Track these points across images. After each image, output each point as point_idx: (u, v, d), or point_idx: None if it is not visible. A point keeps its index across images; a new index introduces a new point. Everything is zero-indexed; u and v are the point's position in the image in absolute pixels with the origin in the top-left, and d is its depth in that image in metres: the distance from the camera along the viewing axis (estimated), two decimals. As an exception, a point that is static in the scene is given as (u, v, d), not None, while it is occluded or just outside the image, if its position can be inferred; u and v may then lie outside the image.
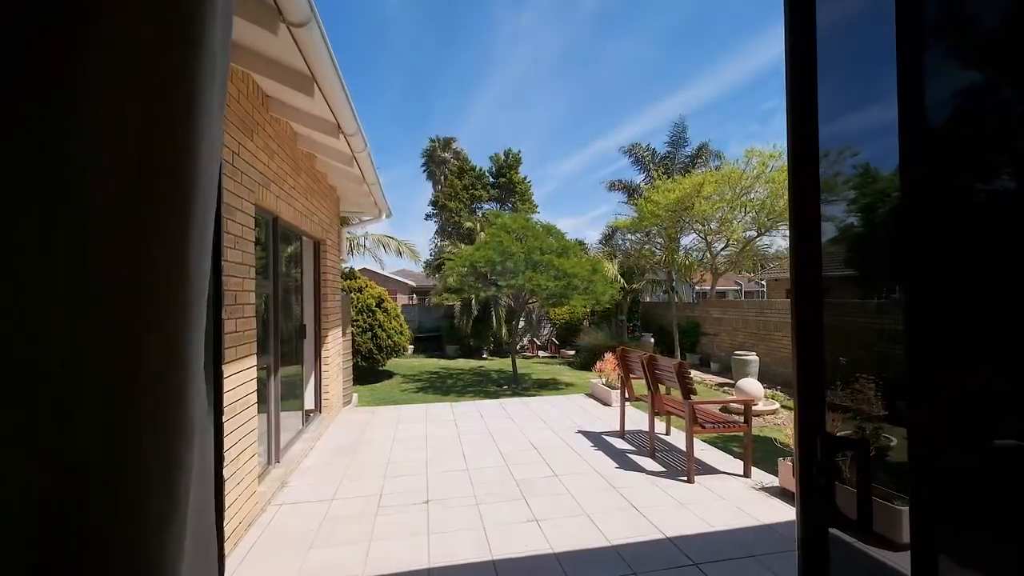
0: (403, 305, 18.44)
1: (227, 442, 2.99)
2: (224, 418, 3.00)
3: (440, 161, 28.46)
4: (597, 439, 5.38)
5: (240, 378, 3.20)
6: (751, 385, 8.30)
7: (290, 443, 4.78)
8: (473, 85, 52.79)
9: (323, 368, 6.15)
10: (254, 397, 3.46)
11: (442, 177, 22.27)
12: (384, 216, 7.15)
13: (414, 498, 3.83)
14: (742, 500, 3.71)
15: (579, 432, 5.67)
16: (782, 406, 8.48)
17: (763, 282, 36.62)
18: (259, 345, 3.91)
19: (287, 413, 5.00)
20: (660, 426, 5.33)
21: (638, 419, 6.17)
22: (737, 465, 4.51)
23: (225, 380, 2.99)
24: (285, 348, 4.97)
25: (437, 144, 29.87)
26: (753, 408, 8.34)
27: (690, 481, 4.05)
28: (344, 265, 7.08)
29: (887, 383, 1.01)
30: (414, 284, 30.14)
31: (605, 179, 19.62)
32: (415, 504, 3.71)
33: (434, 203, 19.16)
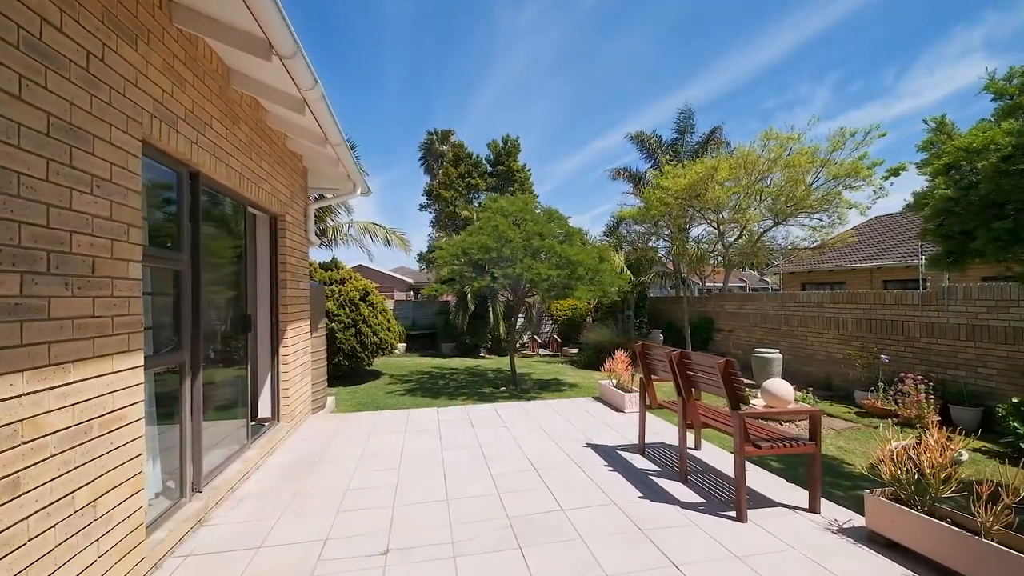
0: (397, 300, 17.50)
1: (76, 478, 1.99)
2: (72, 444, 1.99)
3: (438, 155, 27.49)
4: (611, 456, 4.37)
5: (104, 384, 2.19)
6: (779, 387, 7.22)
7: (223, 464, 3.76)
8: (473, 84, 51.70)
9: (281, 369, 5.14)
10: (137, 411, 2.45)
11: (439, 171, 21.25)
12: (359, 191, 6.14)
13: (370, 546, 2.82)
14: (821, 551, 2.70)
15: (588, 446, 4.66)
16: (815, 411, 7.46)
17: (767, 279, 35.57)
18: (162, 340, 2.91)
19: (221, 424, 4.00)
20: (687, 438, 4.32)
21: (658, 429, 5.16)
22: (795, 494, 3.51)
23: (75, 387, 2.00)
24: (219, 344, 3.97)
25: (435, 137, 28.92)
26: (788, 412, 7.34)
27: (741, 519, 3.05)
28: (314, 248, 6.07)
29: None
30: (412, 281, 29.20)
31: (607, 173, 18.53)
32: (369, 556, 2.70)
33: (428, 192, 18.13)
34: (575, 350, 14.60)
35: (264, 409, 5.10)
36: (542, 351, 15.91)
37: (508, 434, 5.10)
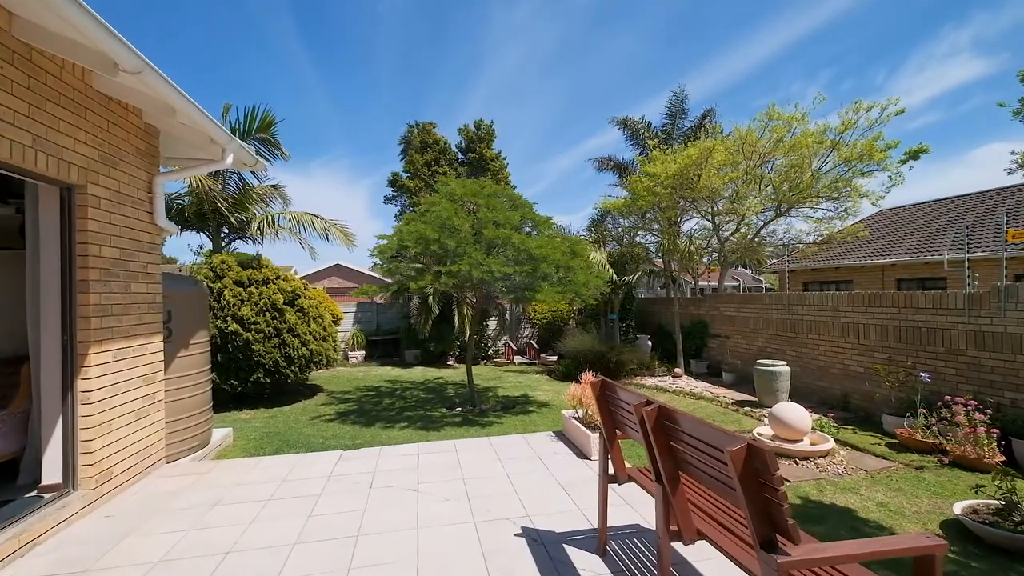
0: (359, 302, 15.77)
1: None
2: None
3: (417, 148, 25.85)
4: (554, 558, 2.76)
5: None
6: (792, 413, 5.73)
7: None
8: (465, 82, 50.11)
9: (80, 411, 3.48)
10: None
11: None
12: (229, 159, 4.46)
13: None
14: None
15: (524, 534, 3.04)
16: (839, 442, 5.92)
17: (760, 278, 34.11)
18: None
19: None
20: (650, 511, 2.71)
21: (632, 497, 3.55)
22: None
23: None
24: None
25: (416, 129, 27.26)
26: (798, 447, 5.77)
27: None
28: (162, 232, 4.41)
29: None
30: (391, 281, 27.43)
31: (592, 163, 16.86)
32: None
33: (393, 183, 16.41)
34: (554, 357, 13.03)
35: (51, 472, 3.44)
36: (518, 358, 14.31)
37: (412, 507, 3.47)
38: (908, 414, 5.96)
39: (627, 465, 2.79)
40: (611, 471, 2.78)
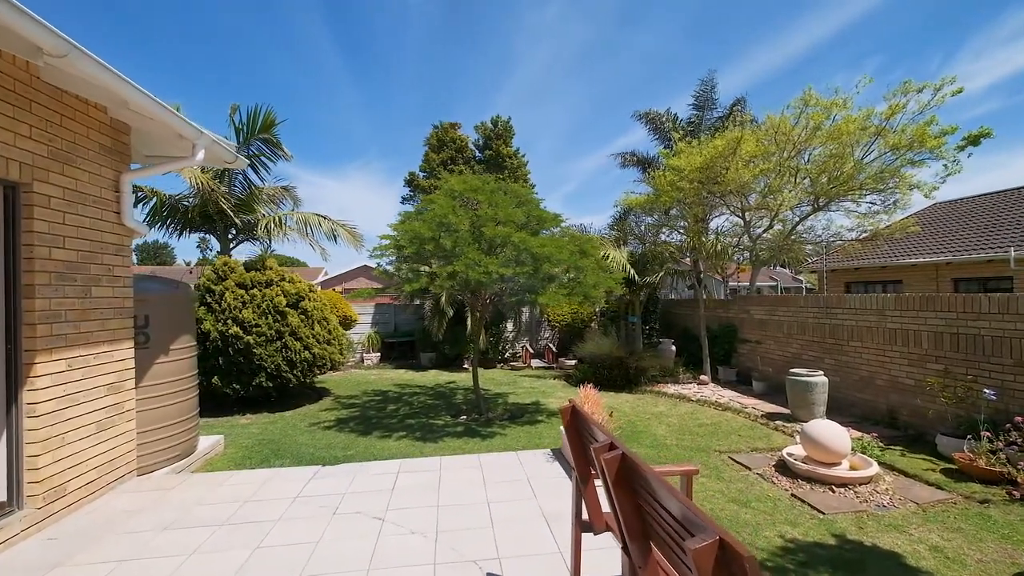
0: (378, 304, 15.66)
1: None
2: None
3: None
4: (517, 617, 2.30)
5: None
6: (828, 432, 5.03)
7: None
8: (494, 83, 49.97)
9: (25, 424, 3.26)
10: None
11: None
12: (199, 155, 4.19)
13: None
14: None
15: (488, 582, 2.59)
16: (884, 465, 5.17)
17: (800, 278, 32.23)
18: None
19: None
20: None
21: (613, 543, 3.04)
22: None
23: None
24: None
25: (440, 130, 27.17)
26: (835, 472, 5.07)
27: None
28: (132, 233, 4.19)
29: None
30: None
31: (615, 159, 16.09)
32: None
33: (409, 182, 16.20)
34: (573, 361, 12.47)
35: (-5, 490, 3.23)
36: (536, 362, 13.81)
37: (371, 541, 3.06)
38: (969, 436, 5.15)
39: (606, 510, 2.29)
40: (586, 516, 2.28)
